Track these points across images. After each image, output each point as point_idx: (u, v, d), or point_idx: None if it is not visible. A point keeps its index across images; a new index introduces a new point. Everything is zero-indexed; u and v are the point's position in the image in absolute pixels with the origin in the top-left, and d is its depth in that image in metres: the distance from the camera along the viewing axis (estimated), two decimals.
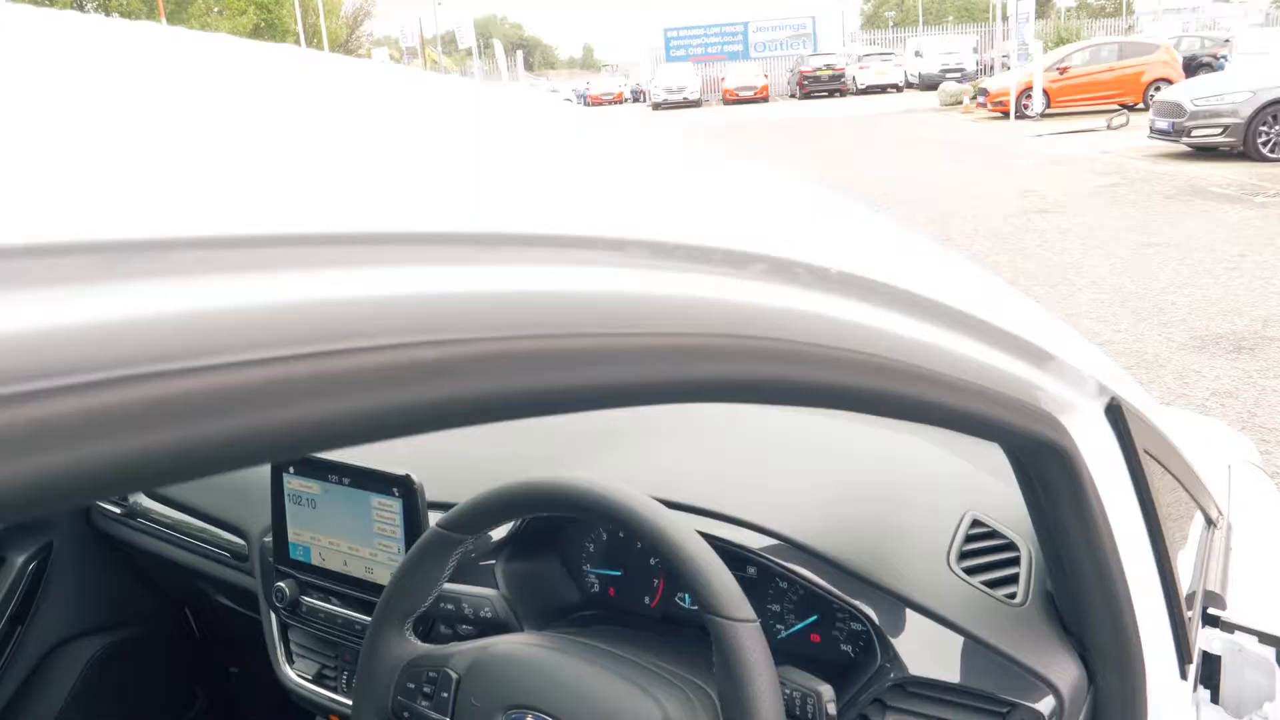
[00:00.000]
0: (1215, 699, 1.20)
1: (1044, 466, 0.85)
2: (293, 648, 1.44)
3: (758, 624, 0.84)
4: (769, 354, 0.46)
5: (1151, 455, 1.01)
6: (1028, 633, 0.97)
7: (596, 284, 0.36)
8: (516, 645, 0.99)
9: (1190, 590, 1.15)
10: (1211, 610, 1.18)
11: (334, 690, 1.38)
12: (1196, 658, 1.16)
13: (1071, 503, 0.87)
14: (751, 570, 1.14)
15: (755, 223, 0.46)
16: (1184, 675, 1.03)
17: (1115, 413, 0.90)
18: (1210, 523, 1.37)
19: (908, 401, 0.62)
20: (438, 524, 1.00)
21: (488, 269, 0.32)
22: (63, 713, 1.93)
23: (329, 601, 1.35)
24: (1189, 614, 1.06)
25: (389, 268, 0.29)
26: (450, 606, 1.13)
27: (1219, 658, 1.20)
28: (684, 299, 0.41)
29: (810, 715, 0.90)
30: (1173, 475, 1.15)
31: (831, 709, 0.90)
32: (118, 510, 1.80)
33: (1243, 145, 11.16)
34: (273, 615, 1.44)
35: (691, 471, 1.24)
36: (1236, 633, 1.13)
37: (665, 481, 1.12)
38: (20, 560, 1.86)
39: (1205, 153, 11.87)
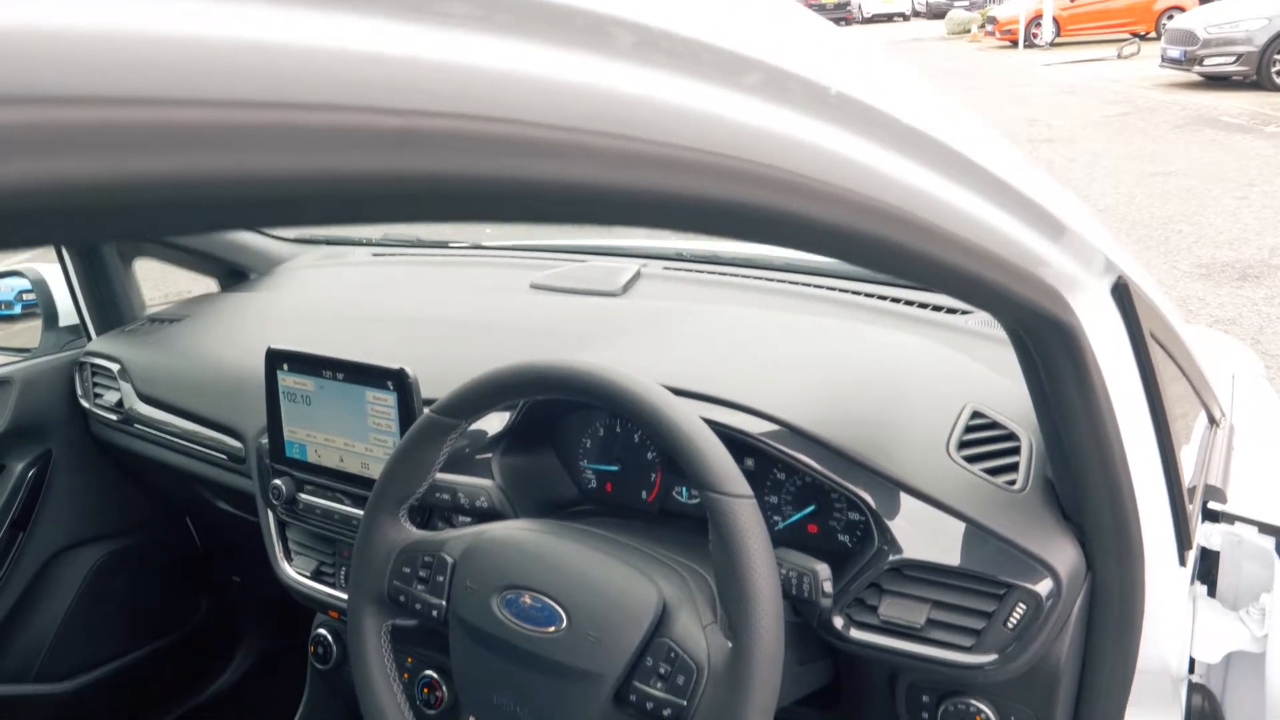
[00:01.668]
0: (1212, 593, 1.20)
1: (1047, 345, 0.84)
2: (291, 546, 1.44)
3: (754, 500, 0.83)
4: (758, 179, 0.44)
5: (1158, 341, 0.99)
6: (1027, 518, 0.96)
7: (571, 72, 0.33)
8: (512, 529, 0.98)
9: (1191, 484, 1.14)
10: (1212, 504, 1.17)
11: (332, 586, 1.38)
12: (1195, 551, 1.15)
13: (1075, 383, 0.85)
14: (749, 462, 1.13)
15: (752, 26, 0.43)
16: (1183, 562, 1.03)
17: (1122, 292, 0.88)
18: (1213, 421, 1.35)
19: (909, 256, 0.60)
20: (431, 409, 0.99)
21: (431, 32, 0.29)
22: (66, 619, 1.94)
23: (326, 498, 1.34)
24: (1190, 506, 1.06)
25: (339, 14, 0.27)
26: (446, 497, 1.12)
27: (1217, 553, 1.19)
28: (671, 106, 0.38)
29: (806, 594, 0.90)
30: (1178, 366, 1.13)
31: (828, 587, 0.90)
32: (114, 417, 1.79)
33: (1256, 74, 10.96)
34: (270, 514, 1.44)
35: (692, 360, 1.22)
36: (1237, 524, 1.13)
37: (666, 368, 1.10)
38: (19, 467, 1.86)
39: (1217, 82, 11.67)
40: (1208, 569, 1.20)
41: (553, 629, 0.87)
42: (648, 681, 0.84)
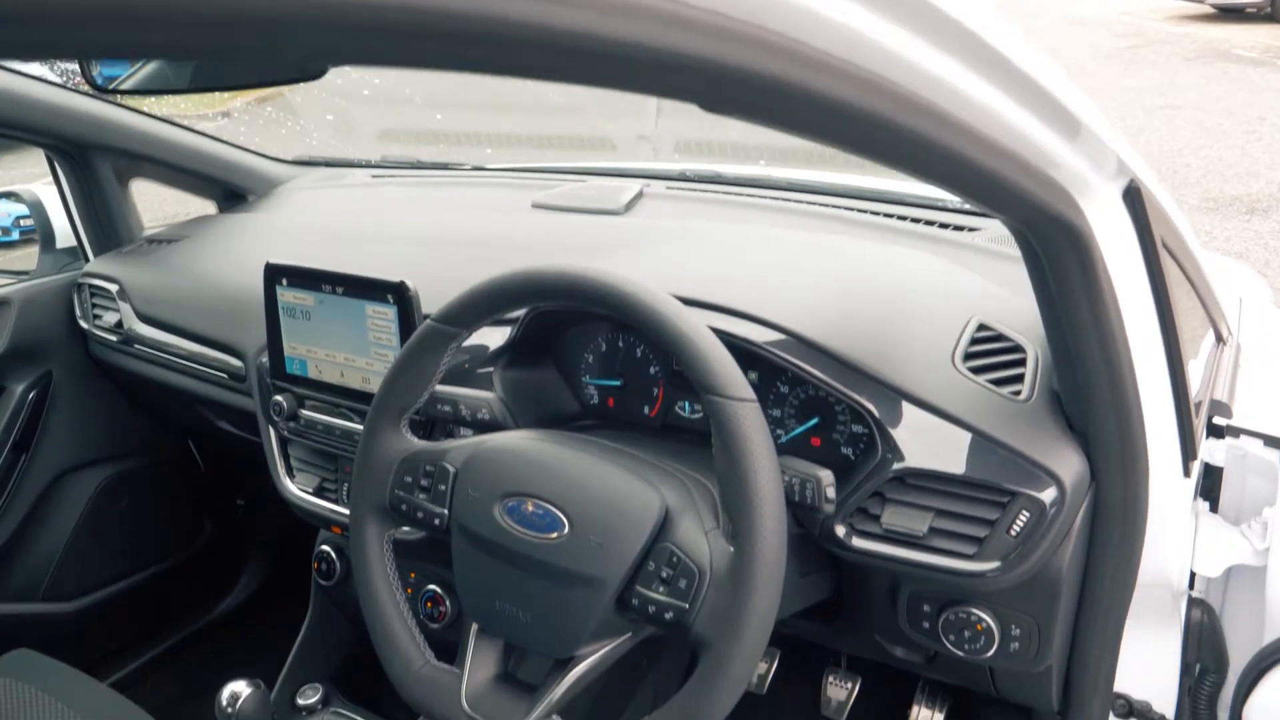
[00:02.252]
0: (1214, 509, 1.20)
1: (1056, 250, 0.82)
2: (293, 463, 1.44)
3: (757, 404, 0.82)
4: (760, 43, 0.42)
5: (1169, 251, 0.98)
6: (1032, 427, 0.95)
7: None
8: (514, 438, 0.98)
9: (1197, 399, 1.13)
10: (1217, 419, 1.17)
11: (335, 502, 1.38)
12: (1199, 467, 1.15)
13: (1083, 290, 0.84)
14: (753, 375, 1.12)
15: None
16: (1187, 474, 1.02)
17: (1134, 197, 0.86)
18: (1220, 340, 1.34)
19: (923, 144, 0.59)
20: (432, 318, 0.98)
21: None
22: (72, 540, 1.96)
23: (327, 413, 1.34)
24: (1196, 419, 1.05)
25: None
26: (447, 409, 1.11)
27: (1220, 469, 1.19)
28: None
29: (810, 499, 0.89)
30: (1188, 278, 1.11)
31: (831, 493, 0.89)
32: (113, 338, 1.78)
33: (1270, 7, 10.76)
34: (271, 431, 1.43)
35: (697, 271, 1.20)
36: (1243, 437, 1.12)
37: (670, 279, 1.09)
38: (20, 389, 1.85)
39: (1230, 14, 11.46)
40: (1210, 485, 1.20)
41: (555, 535, 0.87)
42: (650, 586, 0.84)
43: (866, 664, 1.63)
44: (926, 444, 0.96)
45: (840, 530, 0.98)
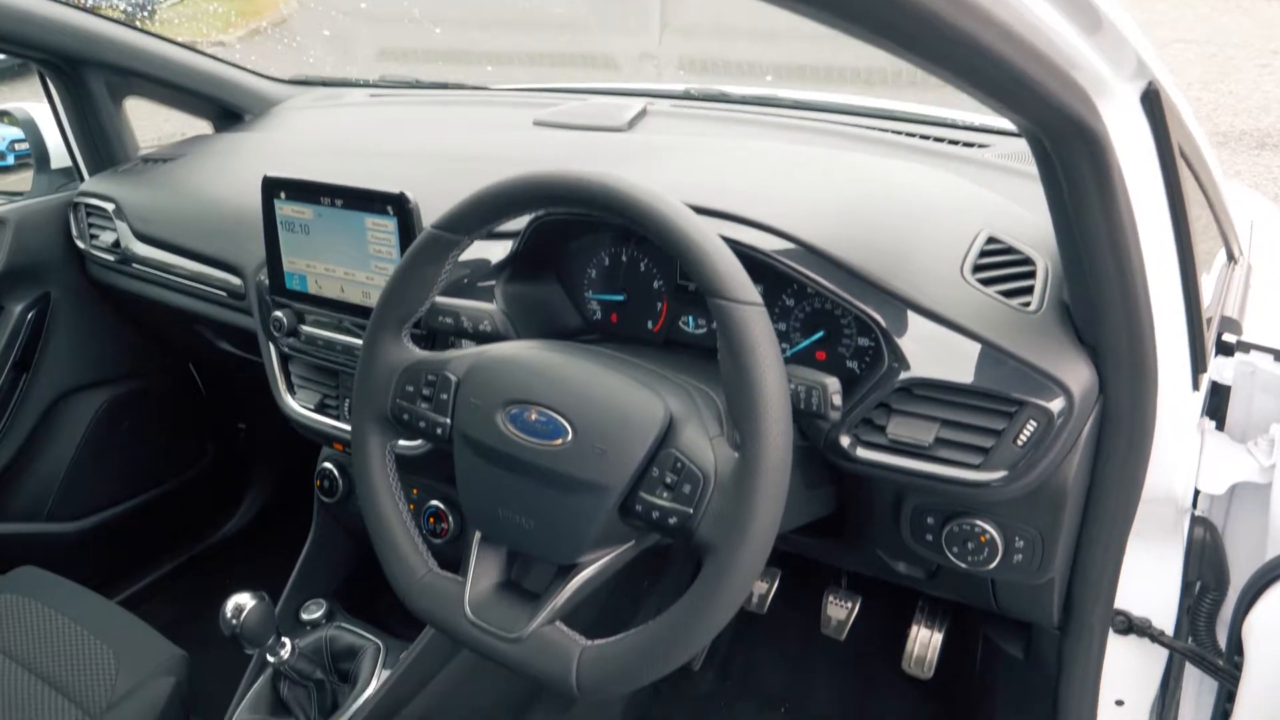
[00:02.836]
0: (1220, 428, 1.19)
1: (1071, 153, 0.80)
2: (294, 380, 1.43)
3: (764, 308, 0.81)
4: None
5: (1186, 159, 0.96)
6: (1041, 338, 0.94)
7: None
8: (516, 347, 0.97)
9: (1207, 315, 1.12)
10: (1226, 336, 1.15)
11: (336, 418, 1.37)
12: (1206, 384, 1.14)
13: (1097, 196, 0.82)
14: (759, 287, 1.10)
15: None
16: (1196, 387, 1.01)
17: (1153, 100, 0.84)
18: (1232, 258, 1.33)
19: (936, 29, 0.57)
20: (432, 225, 0.96)
21: None
22: (74, 461, 1.96)
23: (327, 329, 1.33)
24: (1207, 332, 1.03)
25: None
26: (448, 320, 1.10)
27: (1228, 388, 1.18)
28: None
29: (815, 407, 0.88)
30: (1203, 190, 1.09)
31: (837, 400, 0.88)
32: (111, 258, 1.77)
33: None
34: (271, 347, 1.42)
35: (704, 182, 1.18)
36: (1252, 352, 1.11)
37: (677, 187, 1.07)
38: (18, 309, 1.84)
39: None
40: (1217, 404, 1.19)
41: (558, 441, 0.86)
42: (653, 492, 0.83)
43: (866, 583, 1.64)
44: (933, 355, 0.95)
45: (845, 441, 0.97)
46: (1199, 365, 0.99)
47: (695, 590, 0.80)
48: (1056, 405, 0.90)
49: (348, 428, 1.34)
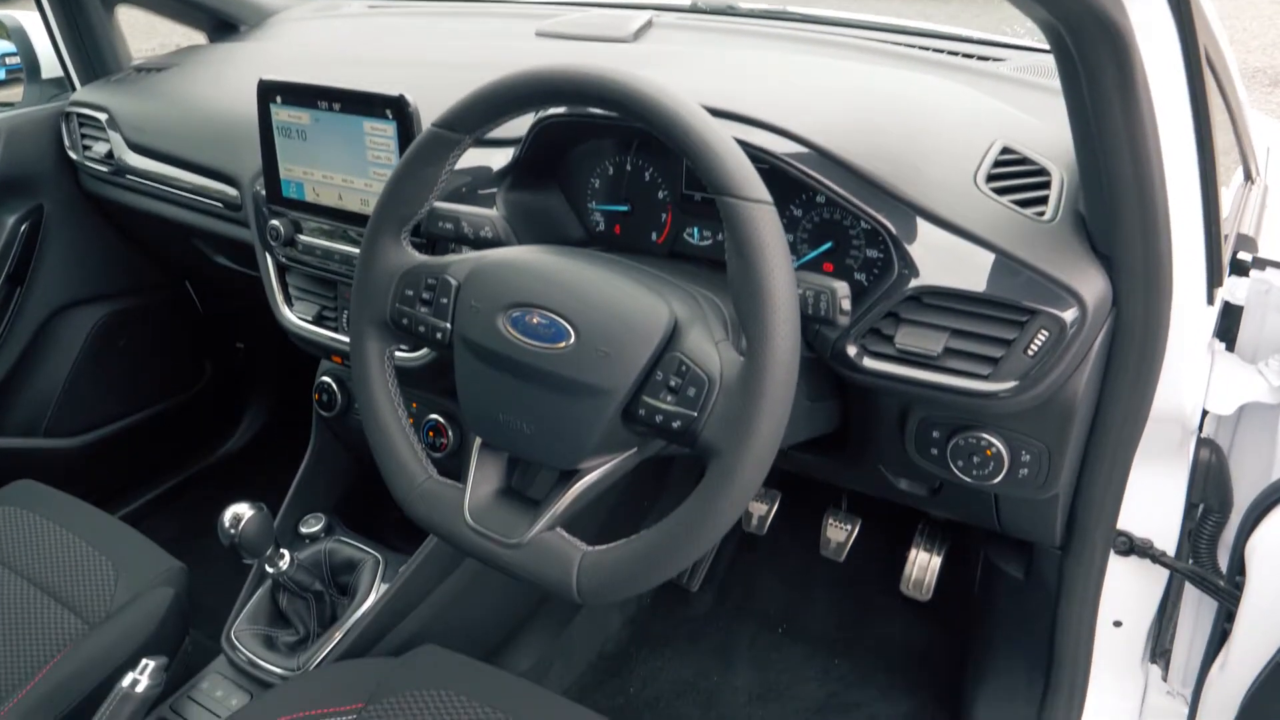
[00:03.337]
0: (1231, 349, 1.18)
1: (1094, 51, 0.77)
2: (291, 291, 1.41)
3: (773, 207, 0.78)
4: None
5: (1211, 65, 0.93)
6: (1055, 246, 0.92)
7: None
8: (518, 251, 0.94)
9: (1224, 231, 1.09)
10: (1242, 254, 1.13)
11: (334, 330, 1.36)
12: (1218, 303, 1.12)
13: (1119, 98, 0.80)
14: None
15: None
16: (1210, 301, 0.99)
17: None
18: (1249, 177, 1.30)
19: None
20: (433, 123, 0.93)
21: None
22: (71, 377, 1.95)
23: (325, 238, 1.30)
24: (1224, 244, 1.01)
25: None
26: (448, 226, 1.08)
27: (1240, 308, 1.16)
28: None
29: (824, 311, 0.86)
30: (1225, 101, 1.06)
31: (846, 304, 0.86)
32: (104, 169, 1.73)
33: None
34: (269, 258, 1.40)
35: (713, 86, 1.15)
36: (1268, 269, 1.09)
37: (687, 91, 1.04)
38: (11, 221, 1.81)
39: None
40: (1229, 326, 1.17)
41: (561, 345, 0.84)
42: (657, 395, 0.81)
43: (866, 506, 1.64)
44: (944, 263, 0.93)
45: (852, 351, 0.96)
46: (1215, 279, 0.97)
47: (698, 494, 0.78)
48: (1069, 315, 0.88)
49: (346, 340, 1.32)
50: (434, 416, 1.36)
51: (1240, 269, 1.14)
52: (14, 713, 1.14)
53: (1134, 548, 1.21)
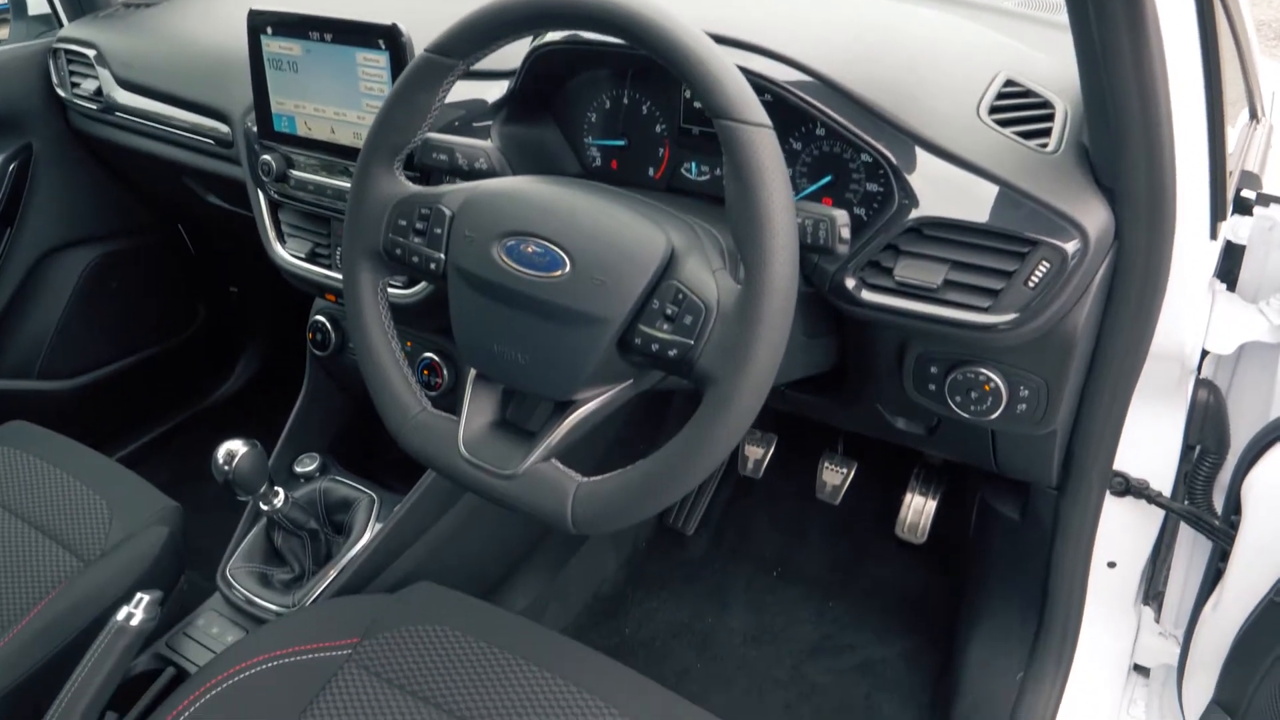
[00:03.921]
0: (1232, 289, 1.17)
1: None
2: (284, 228, 1.39)
3: (773, 131, 0.77)
4: None
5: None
6: (1058, 178, 0.90)
7: None
8: (513, 180, 0.93)
9: (1229, 168, 1.08)
10: (1246, 192, 1.12)
11: (327, 268, 1.34)
12: (1220, 242, 1.11)
13: (1126, 25, 0.78)
14: None
15: None
16: (1214, 236, 0.98)
17: None
18: (1254, 116, 1.28)
19: None
20: (425, 49, 0.91)
21: None
22: (64, 319, 1.94)
23: (318, 172, 1.28)
24: (1229, 177, 1.00)
25: None
26: (442, 157, 1.06)
27: (1242, 247, 1.15)
28: None
29: (823, 240, 0.85)
30: (1234, 35, 1.04)
31: (845, 233, 0.85)
32: (94, 106, 1.71)
33: None
34: (261, 195, 1.38)
35: (714, 11, 1.13)
36: (1272, 205, 1.08)
37: (688, 12, 1.02)
38: None
39: None
40: (1230, 266, 1.16)
41: (557, 273, 0.83)
42: (653, 324, 0.80)
43: (862, 449, 1.64)
44: (945, 194, 0.92)
45: (850, 284, 0.95)
46: (1219, 213, 0.96)
47: (694, 422, 0.78)
48: (1071, 246, 0.87)
49: (339, 277, 1.31)
50: (429, 355, 1.35)
51: (1244, 207, 1.13)
52: (8, 648, 1.14)
53: (1130, 488, 1.21)
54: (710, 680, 1.62)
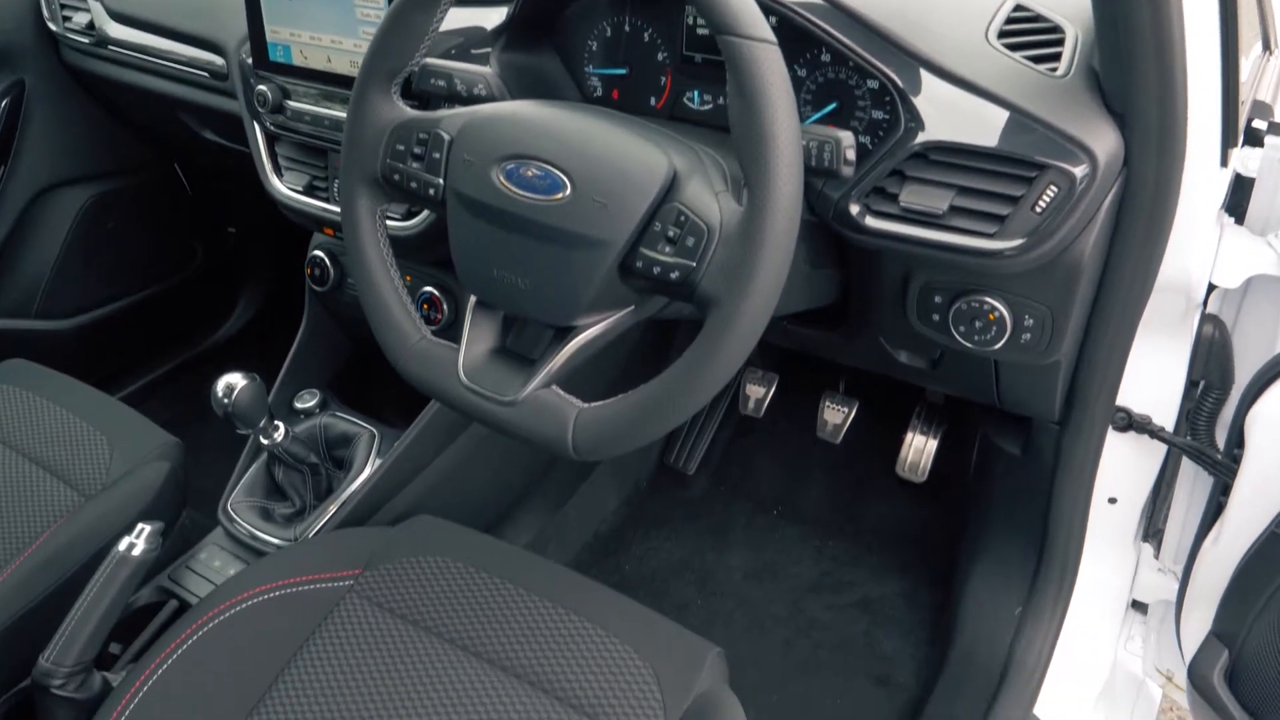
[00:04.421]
0: (1240, 222, 1.15)
1: None
2: (281, 161, 1.37)
3: (778, 47, 0.75)
4: None
5: None
6: (1067, 102, 0.89)
7: None
8: (513, 104, 0.91)
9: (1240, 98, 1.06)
10: (1257, 122, 1.10)
11: (325, 201, 1.33)
12: (1230, 173, 1.09)
13: None
14: None
15: None
16: (1224, 163, 0.97)
17: None
18: (1267, 48, 1.26)
19: None
20: None
21: None
22: (61, 259, 1.92)
23: (314, 103, 1.26)
24: (1242, 104, 0.98)
25: None
26: (440, 82, 1.04)
27: (1251, 180, 1.13)
28: None
29: (828, 162, 0.84)
30: None
31: (850, 154, 0.83)
32: (86, 40, 1.68)
33: None
34: (257, 127, 1.36)
35: None
36: None
37: None
38: None
39: None
40: (1239, 200, 1.15)
41: (557, 196, 0.82)
42: (655, 247, 0.79)
43: (864, 389, 1.63)
44: (952, 119, 0.90)
45: (855, 210, 0.93)
46: (1230, 139, 0.94)
47: (696, 345, 0.77)
48: (1080, 170, 0.85)
49: (337, 210, 1.29)
50: (428, 290, 1.34)
51: (1254, 138, 1.11)
52: (10, 581, 1.15)
53: (1132, 423, 1.21)
54: (710, 616, 1.63)
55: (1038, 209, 0.86)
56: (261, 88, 1.28)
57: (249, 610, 1.03)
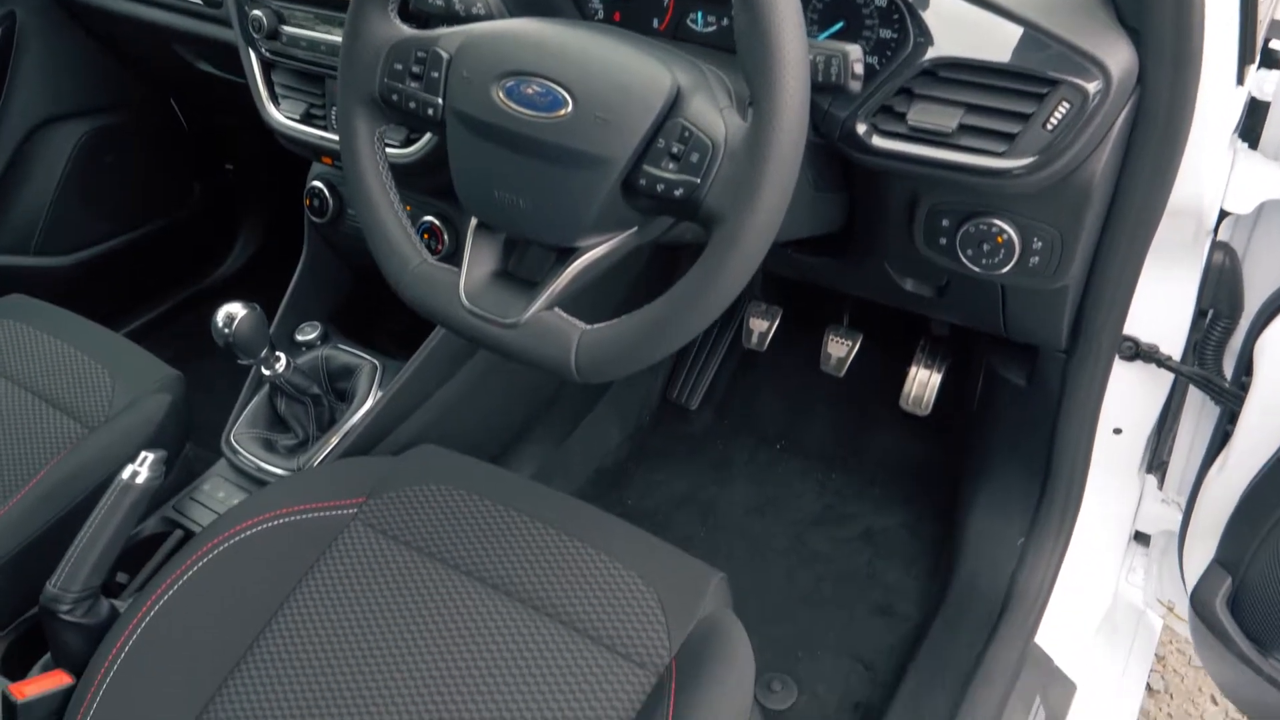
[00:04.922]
0: (1254, 147, 1.13)
1: None
2: (277, 89, 1.35)
3: None
4: None
5: None
6: (1080, 16, 0.87)
7: None
8: (512, 21, 0.89)
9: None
10: (1274, 43, 1.08)
11: (323, 129, 1.31)
12: (1244, 99, 1.07)
13: None
14: None
15: None
16: (1240, 81, 0.95)
17: None
18: None
19: None
20: None
21: None
22: (58, 195, 1.90)
23: (310, 27, 1.24)
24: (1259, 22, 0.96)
25: None
26: (439, 1, 1.02)
27: (1267, 104, 1.11)
28: None
29: (835, 77, 0.82)
30: None
31: (858, 69, 0.82)
32: None
33: None
34: (252, 54, 1.34)
35: None
36: None
37: None
38: None
39: None
40: (1253, 125, 1.13)
41: (559, 113, 0.80)
42: (658, 164, 0.78)
43: (868, 322, 1.62)
44: (961, 35, 0.88)
45: (862, 129, 0.92)
46: (1246, 55, 0.92)
47: (701, 264, 0.76)
48: (1093, 86, 0.83)
49: (335, 138, 1.27)
50: (428, 219, 1.32)
51: (1271, 60, 1.09)
52: (14, 511, 1.15)
53: (1140, 353, 1.20)
54: (712, 548, 1.64)
55: (1049, 126, 0.85)
56: (256, 12, 1.25)
57: (253, 537, 1.03)
